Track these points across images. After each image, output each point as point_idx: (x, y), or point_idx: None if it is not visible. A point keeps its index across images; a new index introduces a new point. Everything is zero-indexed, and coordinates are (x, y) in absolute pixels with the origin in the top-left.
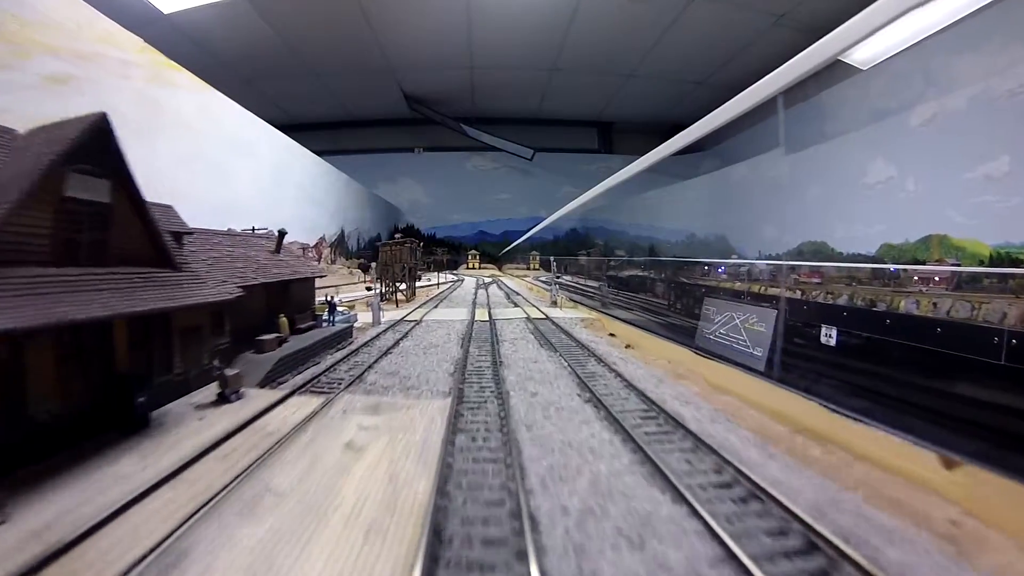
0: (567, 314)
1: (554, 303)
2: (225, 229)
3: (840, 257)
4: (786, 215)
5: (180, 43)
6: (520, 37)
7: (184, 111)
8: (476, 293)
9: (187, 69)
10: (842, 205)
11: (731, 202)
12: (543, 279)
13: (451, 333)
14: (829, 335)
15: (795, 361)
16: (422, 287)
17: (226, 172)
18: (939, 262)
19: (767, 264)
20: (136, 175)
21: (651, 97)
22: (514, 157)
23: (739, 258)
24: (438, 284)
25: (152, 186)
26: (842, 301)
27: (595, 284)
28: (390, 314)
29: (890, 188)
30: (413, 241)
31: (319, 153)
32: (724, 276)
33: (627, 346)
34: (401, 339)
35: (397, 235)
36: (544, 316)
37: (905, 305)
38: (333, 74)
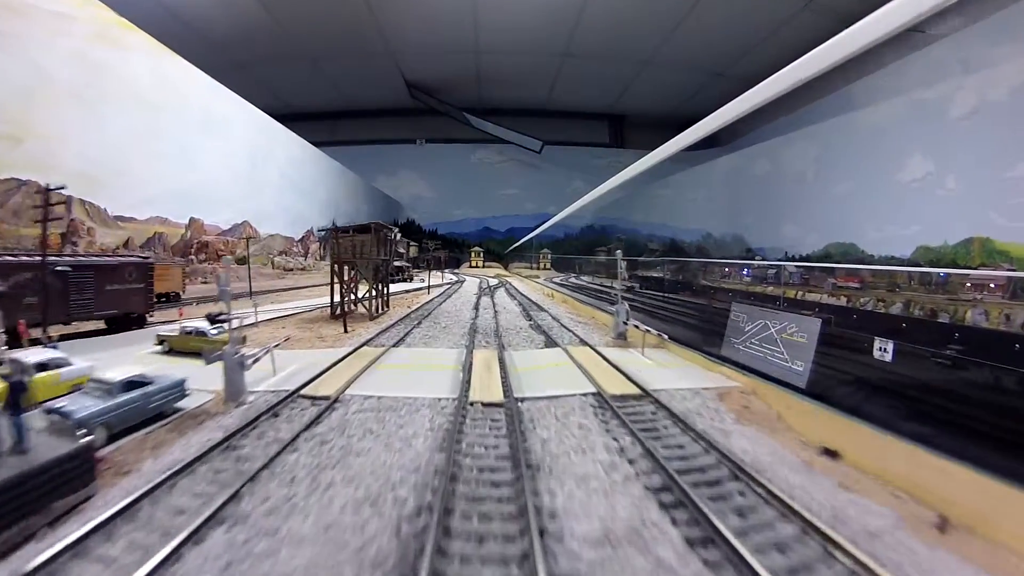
0: (674, 376)
1: (622, 337)
2: (188, 219)
3: (871, 260)
4: (811, 214)
5: (168, 23)
6: (530, 19)
7: (138, 78)
8: (478, 304)
9: (179, 53)
10: (874, 204)
11: (750, 200)
12: (557, 280)
13: (381, 512)
14: (884, 349)
15: (845, 380)
16: (406, 293)
17: (191, 152)
18: (983, 266)
19: (796, 267)
20: (73, 150)
21: (667, 88)
22: (521, 150)
23: (762, 259)
24: (428, 288)
25: (94, 164)
26: (895, 310)
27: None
28: (311, 357)
29: (927, 186)
30: (385, 227)
31: (317, 144)
32: (749, 279)
33: None
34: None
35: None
36: (639, 388)
37: (972, 316)
38: (331, 59)
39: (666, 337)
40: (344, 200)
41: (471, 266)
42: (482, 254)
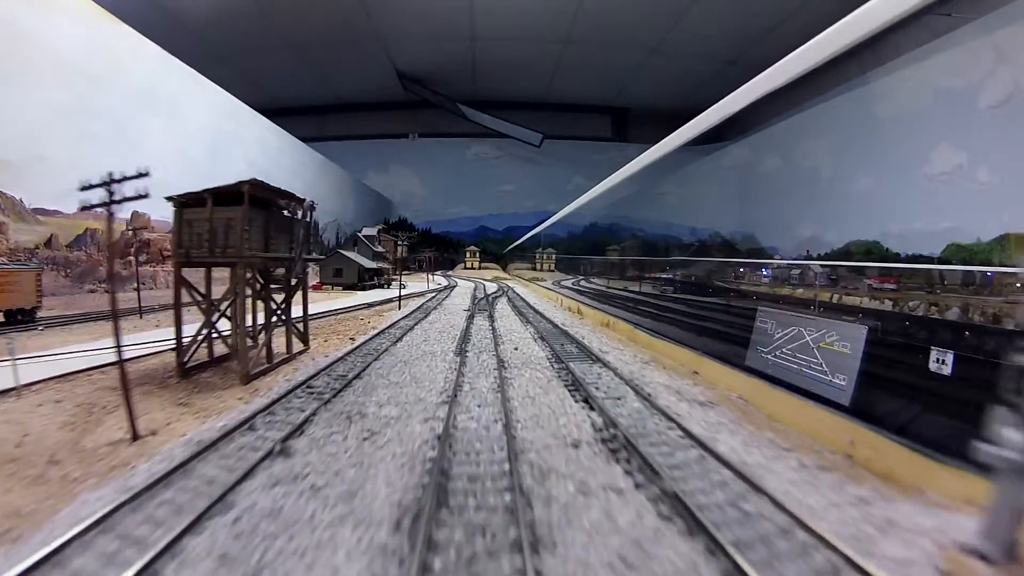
0: None
1: (1009, 553)
2: (129, 213)
3: (897, 259)
4: (830, 210)
5: (143, 8)
6: (529, 1)
7: (67, 46)
8: (467, 335)
9: (152, 39)
10: (899, 199)
11: (763, 196)
12: (568, 283)
13: None
14: (942, 360)
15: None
16: (366, 308)
17: (135, 134)
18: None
19: (821, 266)
20: None
21: (673, 78)
22: (519, 145)
23: (782, 258)
24: (400, 303)
25: (5, 147)
26: (951, 315)
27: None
28: None
29: (957, 179)
30: (283, 196)
31: (305, 140)
32: (767, 279)
33: None
34: None
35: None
36: None
37: None
38: (318, 48)
39: None
40: (328, 196)
41: (466, 267)
42: (478, 254)
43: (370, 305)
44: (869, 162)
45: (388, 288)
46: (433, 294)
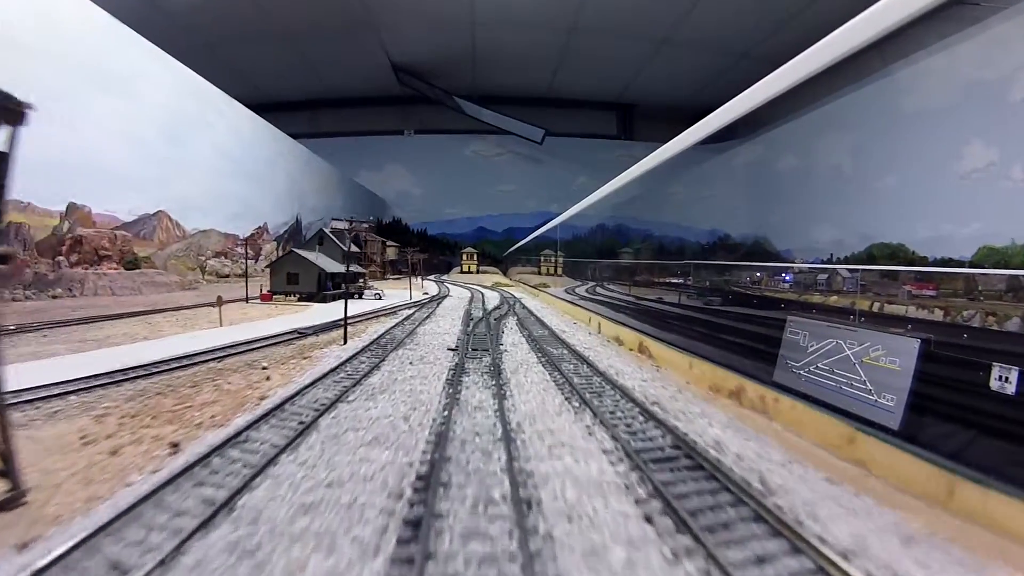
0: None
1: None
2: (65, 205)
3: (924, 262)
4: (851, 212)
5: None
6: None
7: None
8: (436, 473)
9: (133, 28)
10: (926, 199)
11: (776, 197)
12: (582, 291)
13: None
14: (1005, 378)
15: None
16: (294, 338)
17: (77, 115)
18: None
19: (849, 270)
20: None
21: (684, 72)
22: (521, 142)
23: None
24: (346, 333)
25: None
26: (1012, 326)
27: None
28: None
29: (990, 177)
30: None
31: (295, 136)
32: (788, 285)
33: None
34: None
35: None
36: None
37: None
38: (307, 37)
39: None
40: (312, 192)
41: (463, 271)
42: (476, 256)
43: (302, 335)
44: (894, 160)
45: (360, 298)
46: (413, 309)
